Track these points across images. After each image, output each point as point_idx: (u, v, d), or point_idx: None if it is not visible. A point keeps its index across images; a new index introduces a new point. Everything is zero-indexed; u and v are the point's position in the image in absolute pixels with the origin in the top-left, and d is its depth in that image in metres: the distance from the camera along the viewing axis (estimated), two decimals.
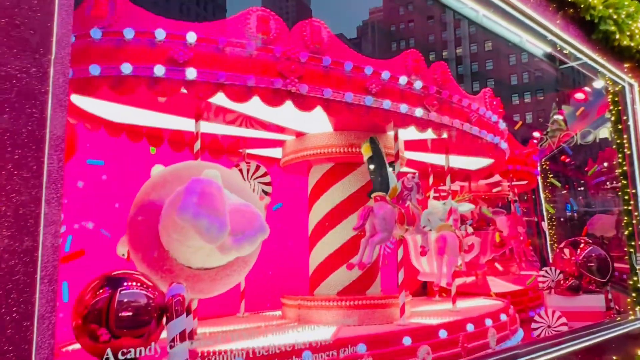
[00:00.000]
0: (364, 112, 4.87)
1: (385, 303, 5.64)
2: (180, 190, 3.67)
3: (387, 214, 5.21)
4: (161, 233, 3.86)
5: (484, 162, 8.09)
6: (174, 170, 4.24)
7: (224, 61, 4.20)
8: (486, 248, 9.21)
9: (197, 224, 3.49)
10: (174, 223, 3.70)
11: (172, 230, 3.80)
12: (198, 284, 4.20)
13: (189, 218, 3.49)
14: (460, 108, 5.88)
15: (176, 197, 3.68)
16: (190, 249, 3.95)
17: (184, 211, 3.49)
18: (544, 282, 7.22)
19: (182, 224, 3.54)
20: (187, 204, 3.52)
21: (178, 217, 3.51)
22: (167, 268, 3.91)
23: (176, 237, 3.85)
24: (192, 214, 3.48)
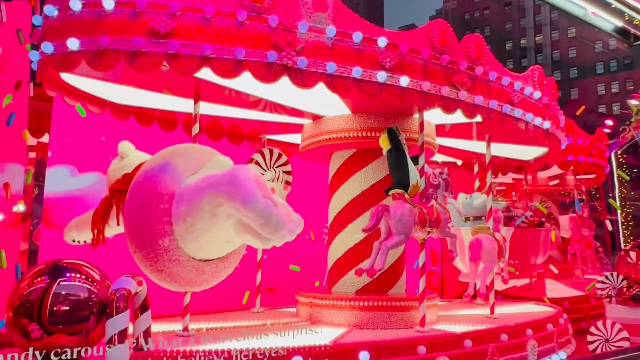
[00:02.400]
0: (376, 90, 4.31)
1: (404, 305, 5.05)
2: (222, 177, 3.57)
3: (404, 215, 4.62)
4: (176, 220, 3.62)
5: (538, 151, 7.18)
6: (178, 152, 3.95)
7: (211, 32, 3.82)
8: (542, 248, 8.26)
9: (266, 215, 3.47)
10: (200, 210, 3.57)
11: (197, 217, 3.61)
12: (201, 276, 3.95)
13: (261, 209, 3.45)
14: (499, 87, 5.14)
15: (215, 183, 3.55)
16: (209, 238, 3.78)
17: (254, 202, 3.43)
18: (604, 289, 6.27)
19: (249, 214, 3.46)
20: (255, 195, 3.45)
21: (246, 207, 3.42)
22: (176, 258, 3.68)
23: (200, 226, 3.67)
24: (262, 205, 3.45)
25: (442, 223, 4.99)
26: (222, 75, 3.88)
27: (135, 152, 4.09)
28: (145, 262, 3.66)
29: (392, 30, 4.45)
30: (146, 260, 3.65)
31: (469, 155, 7.59)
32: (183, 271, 3.76)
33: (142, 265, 3.69)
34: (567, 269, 9.62)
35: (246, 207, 3.46)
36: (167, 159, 3.83)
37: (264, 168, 5.77)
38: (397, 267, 5.69)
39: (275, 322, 5.17)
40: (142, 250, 3.63)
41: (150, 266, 3.66)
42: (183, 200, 3.64)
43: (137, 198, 3.67)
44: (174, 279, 3.76)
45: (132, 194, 3.72)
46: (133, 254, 3.69)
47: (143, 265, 3.69)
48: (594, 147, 9.06)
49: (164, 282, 3.79)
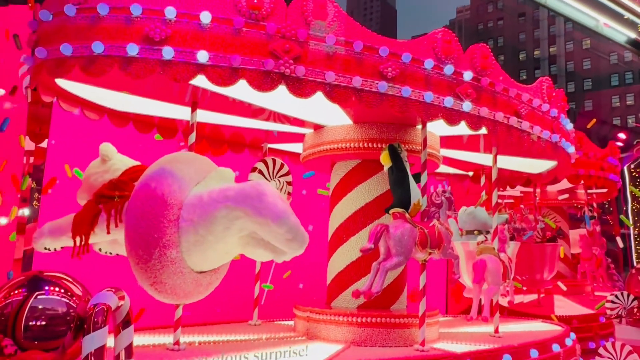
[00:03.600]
0: (377, 101, 4.19)
1: (404, 322, 4.89)
2: (244, 191, 3.61)
3: (404, 235, 4.46)
4: (186, 231, 3.57)
5: (547, 164, 7.00)
6: (182, 161, 3.87)
7: (207, 39, 3.73)
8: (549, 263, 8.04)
9: (295, 232, 3.59)
10: (214, 223, 3.58)
11: (210, 230, 3.61)
12: (198, 288, 3.88)
13: (292, 225, 3.56)
14: (505, 98, 4.99)
15: (235, 197, 3.57)
16: (215, 251, 3.78)
17: (287, 218, 3.54)
18: (614, 309, 6.05)
19: (279, 230, 3.55)
20: (286, 211, 3.58)
21: (277, 223, 3.51)
22: (180, 270, 3.61)
23: (210, 238, 3.66)
24: (293, 221, 3.56)
25: (443, 244, 4.83)
26: (218, 83, 3.79)
27: (118, 155, 3.94)
28: (148, 274, 3.54)
29: (394, 40, 4.33)
30: (150, 272, 3.53)
31: (477, 168, 7.42)
32: (184, 283, 3.68)
33: (144, 277, 3.56)
34: (577, 286, 9.37)
35: (277, 223, 3.54)
36: (173, 168, 3.74)
37: (268, 177, 5.66)
38: (400, 282, 5.54)
39: (270, 337, 5.04)
40: (149, 262, 3.52)
41: (153, 278, 3.54)
42: (195, 212, 3.60)
43: (146, 207, 3.54)
44: (175, 292, 3.67)
45: (139, 203, 3.57)
46: (135, 265, 3.54)
47: (145, 276, 3.55)
48: (605, 160, 8.85)
49: (163, 294, 3.66)
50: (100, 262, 4.75)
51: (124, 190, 3.76)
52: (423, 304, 4.65)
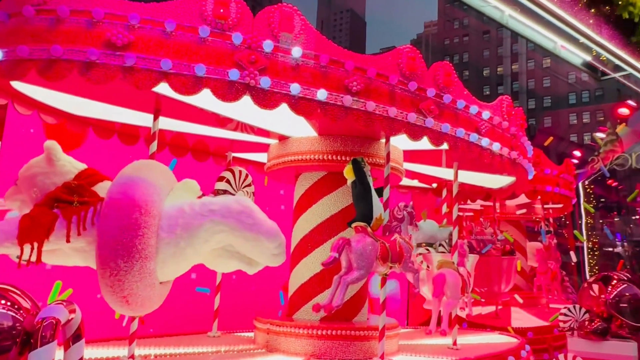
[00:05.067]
0: (342, 114, 4.21)
1: (364, 335, 4.91)
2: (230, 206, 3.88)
3: (365, 249, 4.48)
4: (167, 242, 3.62)
5: (506, 180, 7.19)
6: (154, 170, 3.88)
7: (171, 47, 3.68)
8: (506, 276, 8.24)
9: (282, 247, 3.96)
10: (196, 236, 3.71)
11: (191, 242, 3.71)
12: (160, 298, 3.81)
13: (281, 241, 3.95)
14: (466, 115, 5.11)
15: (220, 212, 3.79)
16: (188, 263, 3.86)
17: (278, 235, 3.92)
18: (566, 322, 6.24)
19: (269, 245, 3.88)
20: (276, 228, 3.92)
21: (269, 239, 3.87)
22: (153, 282, 3.60)
23: (189, 251, 3.75)
24: (282, 238, 3.89)
25: (404, 258, 4.87)
26: (181, 92, 3.74)
27: (64, 155, 3.75)
28: (125, 286, 3.44)
29: (360, 54, 4.37)
30: (127, 284, 3.45)
31: (439, 181, 7.56)
32: (153, 295, 3.65)
33: (118, 289, 3.44)
34: (533, 298, 9.63)
35: (270, 240, 3.88)
36: (150, 178, 3.71)
37: (234, 187, 5.60)
38: (361, 294, 5.56)
39: (229, 350, 4.97)
40: (128, 273, 3.44)
41: (129, 290, 3.46)
42: (178, 224, 3.66)
43: (130, 217, 3.46)
44: (144, 304, 3.61)
45: (121, 212, 3.48)
46: (112, 276, 3.42)
47: (120, 288, 3.44)
48: (561, 177, 9.17)
49: (132, 306, 3.57)
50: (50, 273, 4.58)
51: (82, 195, 3.63)
52: (383, 317, 4.68)
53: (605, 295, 6.22)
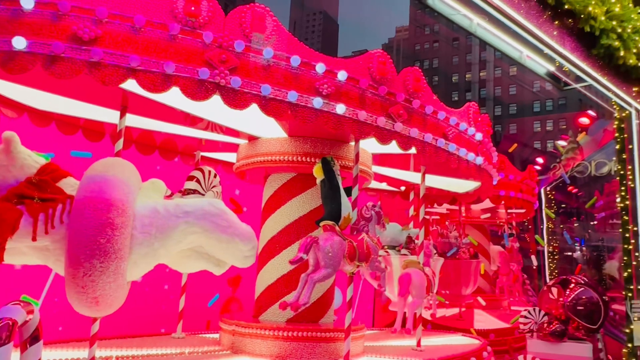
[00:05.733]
0: (312, 116, 4.23)
1: (330, 337, 4.93)
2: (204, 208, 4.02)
3: (333, 248, 4.50)
4: (141, 243, 3.62)
5: (472, 185, 7.35)
6: (126, 169, 3.82)
7: (139, 43, 3.62)
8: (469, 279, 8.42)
9: (255, 250, 4.19)
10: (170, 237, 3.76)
11: (164, 243, 3.73)
12: (124, 298, 3.75)
13: (255, 244, 4.18)
14: (434, 121, 5.20)
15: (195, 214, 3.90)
16: (157, 263, 3.88)
17: (253, 238, 4.15)
18: (526, 324, 6.42)
19: (243, 248, 4.08)
20: (251, 231, 4.13)
21: (245, 242, 4.08)
22: (124, 282, 3.57)
23: (162, 252, 3.79)
24: (256, 240, 4.08)
25: (371, 257, 4.93)
26: (149, 89, 3.67)
27: (24, 148, 3.61)
28: (97, 286, 3.39)
29: (331, 57, 4.39)
30: (99, 284, 3.39)
31: (407, 184, 7.66)
32: (121, 295, 3.61)
33: (90, 289, 3.39)
34: (495, 300, 9.86)
35: (245, 242, 4.06)
36: (123, 177, 3.67)
37: (204, 187, 5.55)
38: (328, 295, 5.58)
39: (193, 351, 4.90)
40: (103, 274, 3.39)
41: (101, 290, 3.40)
42: (153, 225, 3.69)
43: (107, 217, 3.42)
44: (112, 304, 3.56)
45: (98, 213, 3.43)
46: (85, 277, 3.35)
47: (92, 289, 3.38)
48: (524, 183, 9.43)
49: (100, 306, 3.51)
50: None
51: (46, 191, 3.52)
52: (348, 317, 4.71)
53: (563, 298, 6.43)
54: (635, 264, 6.71)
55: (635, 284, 6.55)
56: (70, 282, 3.37)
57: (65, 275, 3.42)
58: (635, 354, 6.51)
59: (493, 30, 6.02)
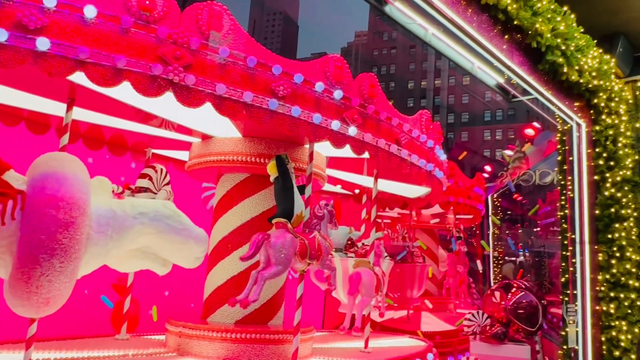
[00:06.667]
0: (267, 117, 4.21)
1: (279, 338, 4.92)
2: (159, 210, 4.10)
3: (285, 245, 4.51)
4: (96, 242, 3.55)
5: (422, 190, 7.53)
6: (78, 166, 3.69)
7: (89, 35, 3.49)
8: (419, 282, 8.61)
9: (206, 250, 4.37)
10: (125, 237, 3.74)
11: (118, 244, 3.71)
12: None
13: (206, 246, 4.34)
14: (388, 127, 5.29)
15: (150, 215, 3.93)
16: (101, 263, 3.84)
17: (206, 240, 4.32)
18: (470, 326, 6.63)
19: (198, 249, 4.21)
20: (205, 233, 4.26)
21: (198, 243, 4.21)
22: (74, 283, 3.50)
23: (114, 252, 3.76)
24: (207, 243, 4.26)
25: (322, 255, 4.96)
26: (99, 83, 3.55)
27: None
28: (52, 287, 3.29)
29: (288, 59, 4.40)
30: (55, 284, 3.30)
31: (361, 188, 7.76)
32: (68, 295, 3.51)
33: (43, 290, 3.28)
34: (442, 303, 10.13)
35: (199, 244, 4.16)
36: (78, 174, 3.57)
37: (156, 186, 5.42)
38: (278, 297, 5.57)
39: (137, 353, 4.78)
40: (60, 274, 3.30)
41: (55, 290, 3.31)
42: (109, 225, 3.66)
43: (70, 216, 3.33)
44: (59, 304, 3.46)
45: (59, 210, 3.32)
46: (41, 276, 3.25)
47: (45, 289, 3.28)
48: (472, 190, 9.75)
49: (50, 307, 3.41)
50: None
51: None
52: (298, 315, 4.72)
53: (505, 302, 6.69)
54: (572, 270, 7.07)
55: (571, 289, 6.90)
56: (19, 282, 3.25)
57: (13, 275, 3.29)
58: (569, 355, 6.86)
59: (447, 41, 6.20)
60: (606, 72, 7.54)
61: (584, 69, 6.51)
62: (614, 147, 7.63)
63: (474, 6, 5.62)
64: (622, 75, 8.34)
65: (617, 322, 6.99)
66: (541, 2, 5.69)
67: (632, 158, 7.76)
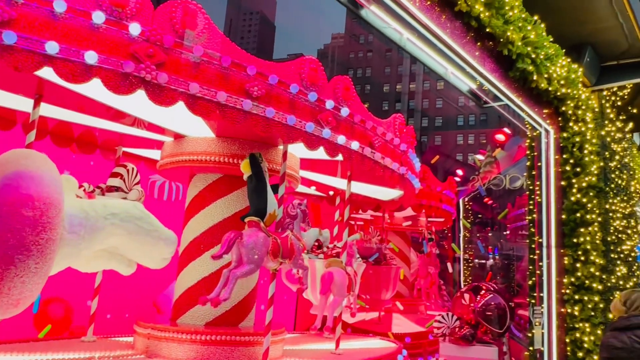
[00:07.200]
0: (241, 118, 4.19)
1: (249, 340, 4.89)
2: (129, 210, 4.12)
3: (257, 244, 4.50)
4: (68, 243, 3.51)
5: (395, 193, 7.61)
6: (45, 162, 3.62)
7: (59, 29, 3.42)
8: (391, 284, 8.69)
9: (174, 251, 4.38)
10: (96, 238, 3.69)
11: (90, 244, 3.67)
12: None
13: (175, 248, 4.39)
14: (362, 129, 5.33)
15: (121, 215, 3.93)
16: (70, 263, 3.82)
17: (175, 242, 4.39)
18: (439, 328, 6.73)
19: (168, 250, 4.29)
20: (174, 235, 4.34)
21: (169, 246, 4.32)
22: (43, 284, 3.41)
23: (85, 253, 3.74)
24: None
25: (295, 254, 4.96)
26: (67, 79, 3.47)
27: None
28: (25, 287, 3.22)
29: (263, 60, 4.39)
30: (28, 285, 3.23)
31: (335, 190, 7.78)
32: (37, 296, 3.44)
33: (16, 291, 3.20)
34: (413, 305, 10.24)
35: (169, 246, 4.20)
36: (51, 172, 3.51)
37: (127, 185, 5.33)
38: (250, 299, 5.54)
39: (104, 355, 4.68)
40: (35, 275, 3.22)
41: (27, 292, 3.25)
42: (82, 225, 3.64)
43: (47, 216, 3.25)
44: (26, 305, 3.39)
45: (36, 210, 3.24)
46: (15, 277, 3.17)
47: (18, 290, 3.20)
48: (444, 193, 9.89)
49: (19, 308, 3.34)
50: None
51: None
52: (269, 314, 4.70)
53: (474, 304, 6.80)
54: (539, 273, 7.24)
55: (538, 291, 7.07)
56: None
57: None
58: (535, 356, 7.02)
59: (421, 46, 6.27)
60: (574, 80, 7.77)
61: (552, 77, 6.70)
62: (581, 153, 7.86)
63: (448, 13, 5.71)
64: (589, 84, 8.61)
65: (581, 324, 7.20)
66: (513, 11, 5.85)
67: (597, 165, 8.00)
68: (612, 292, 7.87)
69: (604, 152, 8.36)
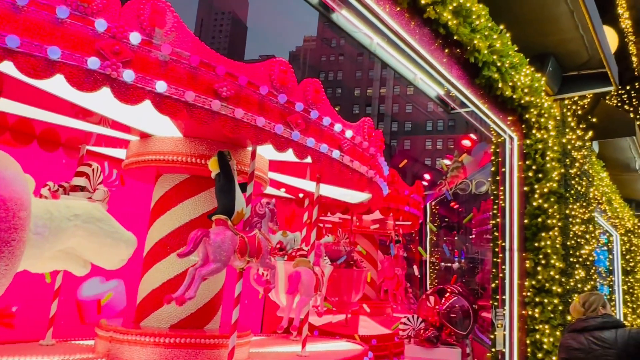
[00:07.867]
0: (209, 118, 4.15)
1: (215, 343, 4.84)
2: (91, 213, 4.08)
3: (224, 242, 4.45)
4: (33, 244, 3.46)
5: (363, 196, 7.67)
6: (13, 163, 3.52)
7: (21, 22, 3.31)
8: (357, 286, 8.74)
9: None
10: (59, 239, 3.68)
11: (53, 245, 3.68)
12: None
13: (133, 250, 4.48)
14: (331, 132, 5.35)
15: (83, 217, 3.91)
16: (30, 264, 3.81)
17: (135, 243, 4.49)
18: (405, 330, 6.81)
19: (128, 251, 4.38)
20: (133, 236, 4.40)
21: (129, 248, 4.38)
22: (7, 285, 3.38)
23: (48, 254, 3.75)
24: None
25: (262, 253, 4.94)
26: (29, 74, 3.37)
27: None
28: None
29: (232, 60, 4.36)
30: None
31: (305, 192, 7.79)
32: None
33: None
34: (380, 307, 10.33)
35: (129, 248, 4.26)
36: (18, 173, 3.43)
37: (92, 185, 5.21)
38: (215, 301, 5.48)
39: (63, 359, 4.54)
40: (3, 278, 3.18)
41: None
42: (46, 226, 3.63)
43: (18, 217, 3.19)
44: None
45: (7, 211, 3.17)
46: None
47: None
48: (411, 197, 10.02)
49: None
50: None
51: None
52: (235, 313, 4.66)
53: (439, 306, 6.92)
54: (501, 276, 7.41)
55: (500, 294, 7.23)
56: None
57: None
58: (497, 357, 7.18)
59: (391, 51, 6.34)
60: (537, 89, 8.01)
61: (517, 85, 6.90)
62: (542, 160, 8.10)
63: (417, 20, 5.81)
64: (552, 93, 8.89)
65: (540, 325, 7.41)
66: (479, 20, 6.00)
67: (558, 171, 8.26)
68: (571, 294, 8.13)
69: (565, 159, 8.64)
